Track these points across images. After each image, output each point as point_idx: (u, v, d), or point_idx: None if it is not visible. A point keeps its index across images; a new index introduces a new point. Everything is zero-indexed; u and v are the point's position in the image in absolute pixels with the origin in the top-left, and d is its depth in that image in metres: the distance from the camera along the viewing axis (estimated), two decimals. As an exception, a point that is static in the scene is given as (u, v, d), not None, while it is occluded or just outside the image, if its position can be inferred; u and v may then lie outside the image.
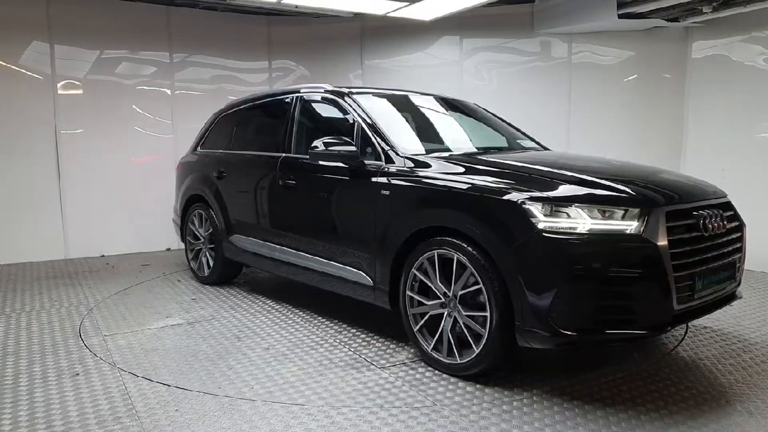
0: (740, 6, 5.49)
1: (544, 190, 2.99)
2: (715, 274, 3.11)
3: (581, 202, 2.91)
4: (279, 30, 7.76)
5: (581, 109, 6.91)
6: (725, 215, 3.26)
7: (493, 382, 3.21)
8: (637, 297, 2.84)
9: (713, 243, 3.11)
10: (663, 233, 2.86)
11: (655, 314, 2.88)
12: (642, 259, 2.82)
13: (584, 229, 2.85)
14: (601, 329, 2.87)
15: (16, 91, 6.39)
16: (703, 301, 3.08)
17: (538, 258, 2.86)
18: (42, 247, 6.59)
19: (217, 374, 3.35)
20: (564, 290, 2.81)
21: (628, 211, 2.89)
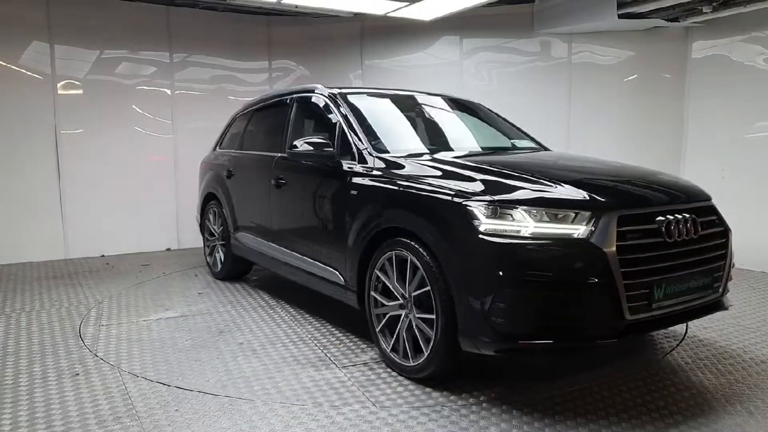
0: (740, 6, 5.49)
1: (491, 192, 2.91)
2: (682, 283, 2.91)
3: (527, 204, 2.82)
4: (279, 30, 7.76)
5: (581, 109, 6.91)
6: (701, 220, 3.05)
7: (443, 386, 3.14)
8: (581, 305, 2.72)
9: (680, 250, 2.92)
10: (612, 238, 2.72)
11: (603, 324, 2.74)
12: (586, 265, 2.70)
13: (527, 232, 2.75)
14: (542, 337, 2.75)
15: (16, 91, 6.38)
16: (668, 311, 2.89)
17: (478, 261, 2.80)
18: (42, 247, 6.59)
19: (182, 365, 3.49)
20: (502, 295, 2.73)
21: (578, 214, 2.77)
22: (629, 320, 2.74)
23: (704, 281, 3.04)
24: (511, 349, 2.83)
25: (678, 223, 2.93)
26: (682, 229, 2.94)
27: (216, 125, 7.44)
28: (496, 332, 2.76)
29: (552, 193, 2.92)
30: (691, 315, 3.11)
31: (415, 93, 4.73)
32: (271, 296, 5.04)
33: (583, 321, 2.75)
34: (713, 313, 3.19)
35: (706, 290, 3.05)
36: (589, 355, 3.63)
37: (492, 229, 2.79)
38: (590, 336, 2.76)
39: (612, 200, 2.90)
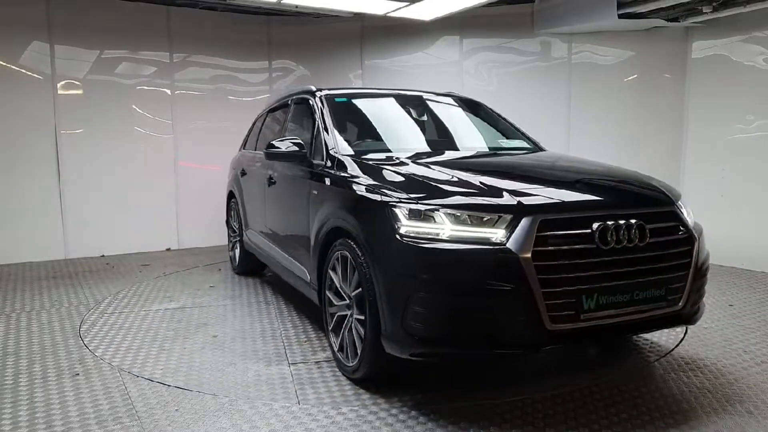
0: (740, 6, 5.49)
1: (418, 194, 2.87)
2: (623, 293, 2.74)
3: (448, 207, 2.75)
4: (279, 30, 7.76)
5: (581, 109, 6.91)
6: (651, 227, 2.85)
7: (378, 389, 3.12)
8: (495, 312, 2.61)
9: (620, 257, 2.74)
10: (529, 243, 2.60)
11: (520, 332, 2.63)
12: (499, 271, 2.59)
13: (445, 235, 2.69)
14: (456, 344, 2.68)
15: (16, 91, 6.39)
16: (603, 323, 2.72)
17: (397, 262, 2.77)
18: (42, 247, 6.59)
19: (150, 352, 3.71)
20: (417, 298, 2.68)
21: (500, 218, 2.68)
22: (552, 330, 2.62)
23: (654, 292, 2.83)
24: (426, 354, 2.76)
25: (618, 229, 2.75)
26: (623, 236, 2.75)
27: (216, 125, 7.48)
28: (412, 336, 2.71)
29: (479, 195, 2.84)
30: (637, 328, 2.94)
31: (408, 92, 4.72)
32: (273, 292, 5.15)
33: (498, 329, 2.63)
34: (672, 327, 3.06)
35: (656, 302, 2.84)
36: (581, 354, 3.64)
37: (412, 231, 2.75)
38: (507, 345, 2.66)
39: (534, 204, 2.77)
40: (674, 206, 3.06)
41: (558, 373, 3.37)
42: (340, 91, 4.49)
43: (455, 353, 2.77)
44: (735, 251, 6.03)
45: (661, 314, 2.89)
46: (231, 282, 5.60)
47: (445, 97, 4.78)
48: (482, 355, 2.82)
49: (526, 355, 3.06)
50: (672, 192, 3.20)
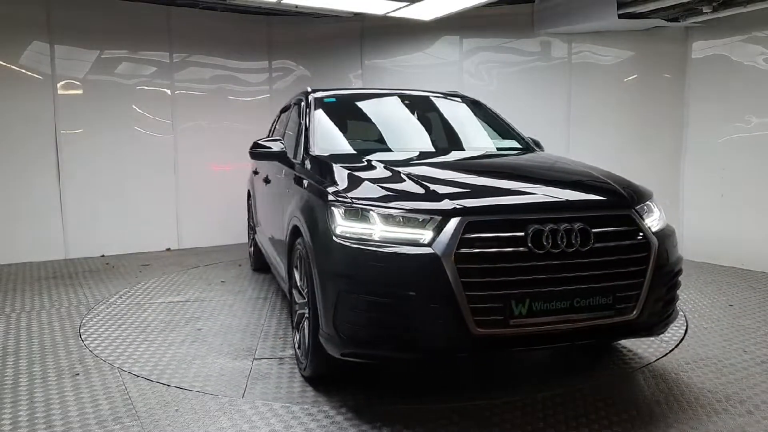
0: (740, 6, 5.49)
1: (356, 194, 2.87)
2: (560, 300, 2.64)
3: (380, 207, 2.74)
4: (279, 30, 7.76)
5: (581, 109, 6.90)
6: (597, 231, 2.72)
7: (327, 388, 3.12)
8: (419, 315, 2.58)
9: (556, 262, 2.64)
10: (452, 245, 2.55)
11: (444, 337, 2.58)
12: (421, 274, 2.56)
13: (376, 236, 2.68)
14: (383, 345, 2.67)
15: (16, 91, 6.39)
16: (535, 330, 2.64)
17: (329, 261, 2.78)
18: (42, 247, 6.59)
19: (134, 343, 3.90)
20: (345, 298, 2.68)
21: (431, 219, 2.64)
22: (478, 335, 2.55)
23: (600, 300, 2.70)
24: (357, 355, 2.75)
25: (554, 232, 2.65)
26: (561, 240, 2.64)
27: (216, 125, 7.48)
28: (342, 336, 2.72)
29: (416, 197, 2.80)
30: (580, 337, 2.78)
31: (402, 92, 4.72)
32: (276, 290, 5.21)
33: (423, 332, 2.59)
34: (626, 338, 2.91)
35: (602, 311, 2.71)
36: (583, 354, 3.64)
37: (347, 231, 2.75)
38: (432, 349, 2.63)
39: (463, 205, 2.69)
40: (630, 210, 2.88)
41: (553, 375, 3.37)
42: (332, 92, 4.53)
43: (383, 355, 2.75)
44: (735, 251, 6.03)
45: (610, 323, 2.75)
46: (243, 278, 5.71)
47: (441, 97, 4.75)
48: (409, 358, 2.79)
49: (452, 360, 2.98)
50: (634, 195, 3.01)
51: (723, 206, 6.19)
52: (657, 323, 2.93)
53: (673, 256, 3.02)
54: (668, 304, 2.97)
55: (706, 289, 5.15)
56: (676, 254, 3.07)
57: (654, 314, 2.87)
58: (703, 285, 5.31)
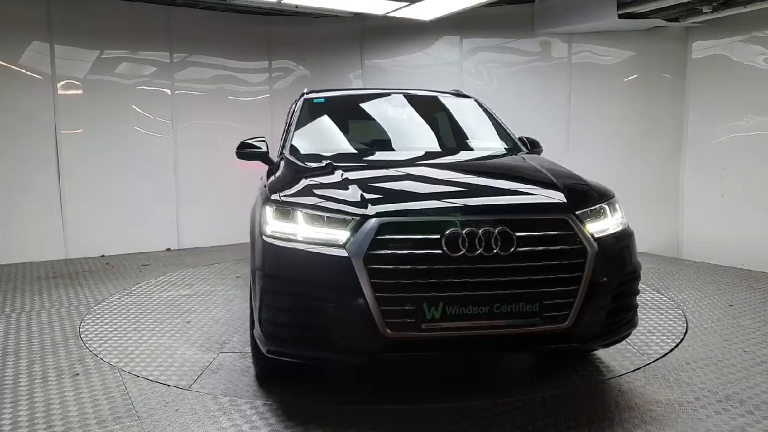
0: (740, 6, 5.49)
1: (288, 194, 2.91)
2: (479, 305, 2.57)
3: (305, 207, 2.77)
4: (279, 30, 7.76)
5: (581, 109, 6.91)
6: (521, 234, 2.62)
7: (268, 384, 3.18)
8: (332, 315, 2.59)
9: (473, 266, 2.57)
10: (363, 247, 2.55)
11: (356, 338, 2.58)
12: (333, 274, 2.58)
13: (300, 236, 2.71)
14: (300, 344, 2.71)
15: (16, 91, 6.38)
16: (449, 334, 2.59)
17: (258, 260, 2.83)
18: (42, 247, 6.59)
19: (121, 331, 4.12)
20: (267, 297, 2.74)
21: (352, 220, 2.64)
22: (389, 337, 2.54)
23: (524, 307, 2.61)
24: (280, 353, 2.78)
25: (472, 236, 2.57)
26: (479, 243, 2.56)
27: (216, 125, 7.47)
28: (265, 335, 2.76)
29: (344, 198, 2.79)
30: (501, 345, 2.73)
31: (400, 92, 4.73)
32: None
33: (335, 333, 2.61)
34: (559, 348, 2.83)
35: (527, 318, 2.62)
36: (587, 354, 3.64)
37: (275, 231, 2.79)
38: (344, 350, 2.63)
39: (381, 207, 2.67)
40: (568, 214, 2.75)
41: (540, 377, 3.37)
42: (324, 93, 4.58)
43: (302, 355, 2.77)
44: (735, 251, 6.03)
45: (537, 332, 2.66)
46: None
47: (438, 96, 4.71)
48: (325, 358, 2.79)
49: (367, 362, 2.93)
50: (576, 199, 2.88)
51: (723, 206, 6.19)
52: (600, 334, 2.80)
53: (624, 262, 2.90)
54: (615, 313, 2.83)
55: (706, 289, 5.15)
56: (628, 260, 2.94)
57: (595, 324, 2.74)
58: (703, 285, 5.31)
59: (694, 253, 6.45)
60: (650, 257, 6.53)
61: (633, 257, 3.00)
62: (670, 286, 5.28)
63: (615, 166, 6.82)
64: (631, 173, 6.79)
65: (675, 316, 4.37)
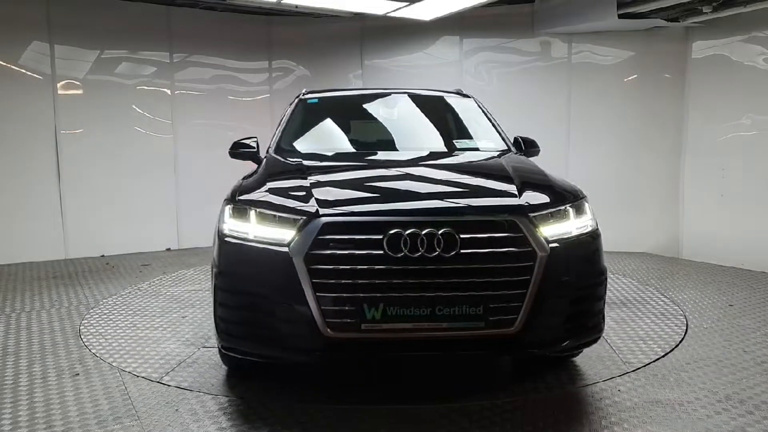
0: (740, 6, 5.48)
1: (247, 193, 2.96)
2: (421, 307, 2.55)
3: (258, 206, 2.81)
4: (279, 30, 7.76)
5: (581, 109, 6.90)
6: (466, 236, 2.58)
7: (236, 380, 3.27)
8: (274, 314, 2.64)
9: (414, 267, 2.55)
10: (305, 246, 2.57)
11: (299, 338, 2.61)
12: (276, 273, 2.61)
13: (251, 235, 2.75)
14: (248, 342, 2.76)
15: (16, 91, 6.38)
16: (390, 336, 2.59)
17: (214, 257, 2.90)
18: (42, 247, 6.59)
19: (121, 321, 4.32)
20: (220, 294, 2.80)
21: (300, 219, 2.67)
22: (330, 337, 2.55)
23: (467, 310, 2.57)
24: (233, 350, 2.86)
25: (415, 237, 2.55)
26: (422, 245, 2.54)
27: (216, 125, 7.48)
28: (219, 331, 2.84)
29: (297, 198, 2.83)
30: (443, 347, 2.67)
31: (396, 91, 4.76)
32: None
33: (279, 332, 2.66)
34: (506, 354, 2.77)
35: (471, 321, 2.57)
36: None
37: (232, 229, 2.84)
38: (289, 348, 2.67)
39: (325, 207, 2.70)
40: (517, 216, 2.69)
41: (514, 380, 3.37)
42: (320, 93, 4.64)
43: (251, 352, 2.81)
44: (735, 251, 6.03)
45: (482, 336, 2.62)
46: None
47: (430, 96, 4.69)
48: (272, 356, 2.82)
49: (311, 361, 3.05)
50: (536, 200, 2.84)
51: (723, 206, 6.19)
52: (554, 340, 2.75)
53: (585, 266, 2.83)
54: (573, 319, 2.77)
55: (706, 289, 5.15)
56: (591, 264, 2.87)
57: (547, 330, 2.70)
58: (703, 285, 5.31)
59: (694, 253, 6.45)
60: (650, 257, 6.54)
61: (598, 261, 2.92)
62: (670, 286, 5.28)
63: (615, 166, 6.83)
64: (631, 173, 6.79)
65: (675, 316, 4.37)
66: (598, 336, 2.96)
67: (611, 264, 6.14)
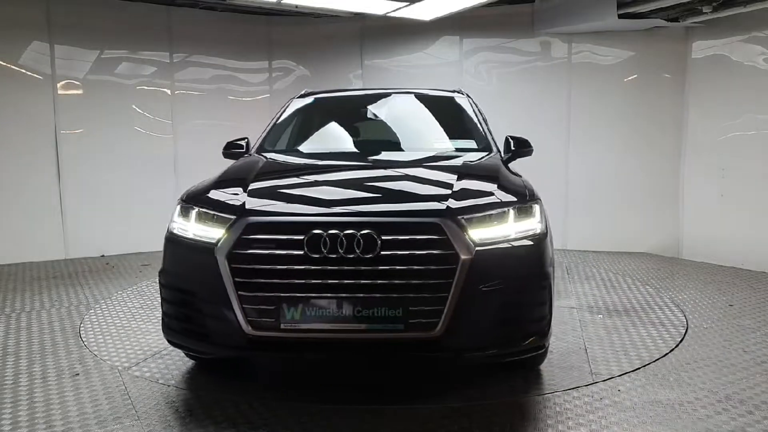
0: (740, 6, 5.48)
1: (193, 193, 3.09)
2: (339, 308, 2.55)
3: (199, 206, 2.90)
4: (279, 30, 7.76)
5: (581, 109, 6.90)
6: (388, 238, 2.57)
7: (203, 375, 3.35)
8: (203, 311, 2.73)
9: (335, 269, 2.56)
10: (228, 245, 2.63)
11: (225, 334, 2.66)
12: (203, 270, 2.68)
13: (190, 234, 2.85)
14: (183, 336, 2.88)
15: (16, 91, 6.38)
16: (308, 336, 2.60)
17: (163, 256, 3.00)
18: (42, 247, 6.58)
19: (120, 319, 4.38)
20: (161, 291, 2.96)
21: (229, 219, 2.73)
22: (252, 335, 2.60)
23: (386, 312, 2.54)
24: (174, 344, 2.98)
25: (335, 238, 2.55)
26: (341, 246, 2.55)
27: (216, 125, 7.47)
28: (162, 325, 2.98)
29: (233, 197, 2.92)
30: (363, 349, 2.69)
31: (392, 91, 4.78)
32: None
33: (207, 328, 2.74)
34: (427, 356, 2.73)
35: (390, 323, 2.55)
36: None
37: (177, 227, 2.95)
38: (217, 345, 2.76)
39: (250, 207, 2.76)
40: (442, 219, 2.63)
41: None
42: (316, 94, 4.69)
43: (186, 346, 2.95)
44: (735, 251, 6.03)
45: (402, 338, 2.59)
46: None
47: (424, 95, 4.67)
48: (202, 351, 2.94)
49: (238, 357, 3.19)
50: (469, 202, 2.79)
51: (723, 206, 6.19)
52: (481, 346, 2.69)
53: (522, 270, 2.73)
54: (504, 326, 2.69)
55: (706, 289, 5.15)
56: (529, 268, 2.76)
57: (473, 335, 2.63)
58: (703, 285, 5.31)
59: (694, 253, 6.44)
60: (650, 257, 6.54)
61: (538, 266, 2.79)
62: (670, 286, 5.28)
63: (615, 166, 6.83)
64: (631, 173, 6.79)
65: (675, 316, 4.37)
66: (540, 345, 2.84)
67: (611, 264, 6.15)
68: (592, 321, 4.28)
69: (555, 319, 4.08)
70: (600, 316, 4.32)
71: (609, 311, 4.51)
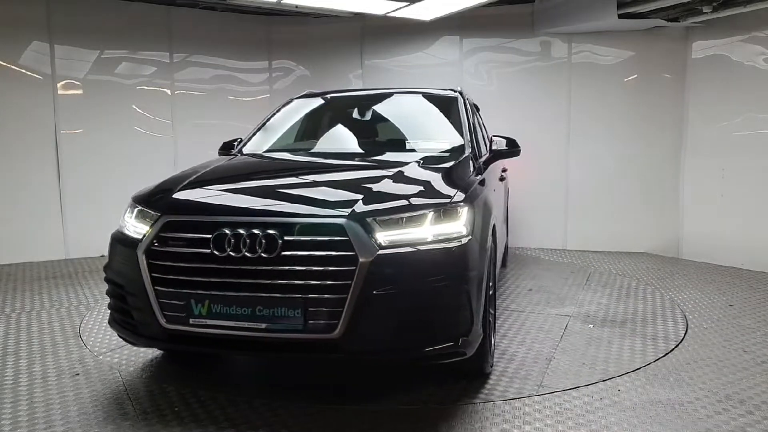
0: (740, 6, 5.48)
1: (143, 192, 3.23)
2: (242, 306, 2.61)
3: (139, 204, 3.07)
4: (279, 30, 7.76)
5: (581, 109, 6.90)
6: (291, 238, 2.60)
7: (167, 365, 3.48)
8: (129, 303, 2.90)
9: (236, 267, 2.62)
10: (146, 242, 2.80)
11: (146, 326, 2.82)
12: (127, 265, 2.86)
13: (127, 230, 3.01)
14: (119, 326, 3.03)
15: (16, 91, 6.38)
16: (214, 332, 2.67)
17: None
18: (42, 247, 6.58)
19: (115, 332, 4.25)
20: (107, 284, 3.09)
21: (155, 216, 2.88)
22: (167, 329, 2.74)
23: (286, 312, 2.57)
24: (117, 334, 3.10)
25: (238, 237, 2.62)
26: (244, 245, 2.60)
27: (216, 125, 7.48)
28: (109, 319, 3.12)
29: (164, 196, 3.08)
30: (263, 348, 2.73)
31: (388, 91, 4.81)
32: None
33: (134, 320, 2.89)
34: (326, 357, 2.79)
35: (289, 323, 2.57)
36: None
37: (122, 225, 3.09)
38: (142, 336, 2.90)
39: (169, 204, 2.97)
40: (345, 220, 2.62)
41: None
42: (313, 94, 4.76)
43: (124, 337, 3.05)
44: (735, 251, 6.03)
45: (301, 339, 2.61)
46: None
47: (417, 95, 4.69)
48: (132, 342, 3.05)
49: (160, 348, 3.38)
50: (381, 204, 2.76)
51: (723, 206, 6.19)
52: (383, 349, 2.65)
53: (430, 273, 2.65)
54: (410, 328, 2.64)
55: (706, 289, 5.15)
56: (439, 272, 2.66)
57: (375, 338, 2.61)
58: (703, 285, 5.31)
59: (694, 253, 6.45)
60: (650, 257, 6.54)
61: (454, 270, 2.70)
62: (670, 286, 5.28)
63: (615, 166, 6.83)
64: (631, 173, 6.80)
65: (675, 316, 4.37)
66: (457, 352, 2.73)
67: (611, 264, 6.15)
68: (580, 330, 4.07)
69: (535, 326, 4.10)
70: (591, 326, 4.16)
71: (605, 321, 4.42)
